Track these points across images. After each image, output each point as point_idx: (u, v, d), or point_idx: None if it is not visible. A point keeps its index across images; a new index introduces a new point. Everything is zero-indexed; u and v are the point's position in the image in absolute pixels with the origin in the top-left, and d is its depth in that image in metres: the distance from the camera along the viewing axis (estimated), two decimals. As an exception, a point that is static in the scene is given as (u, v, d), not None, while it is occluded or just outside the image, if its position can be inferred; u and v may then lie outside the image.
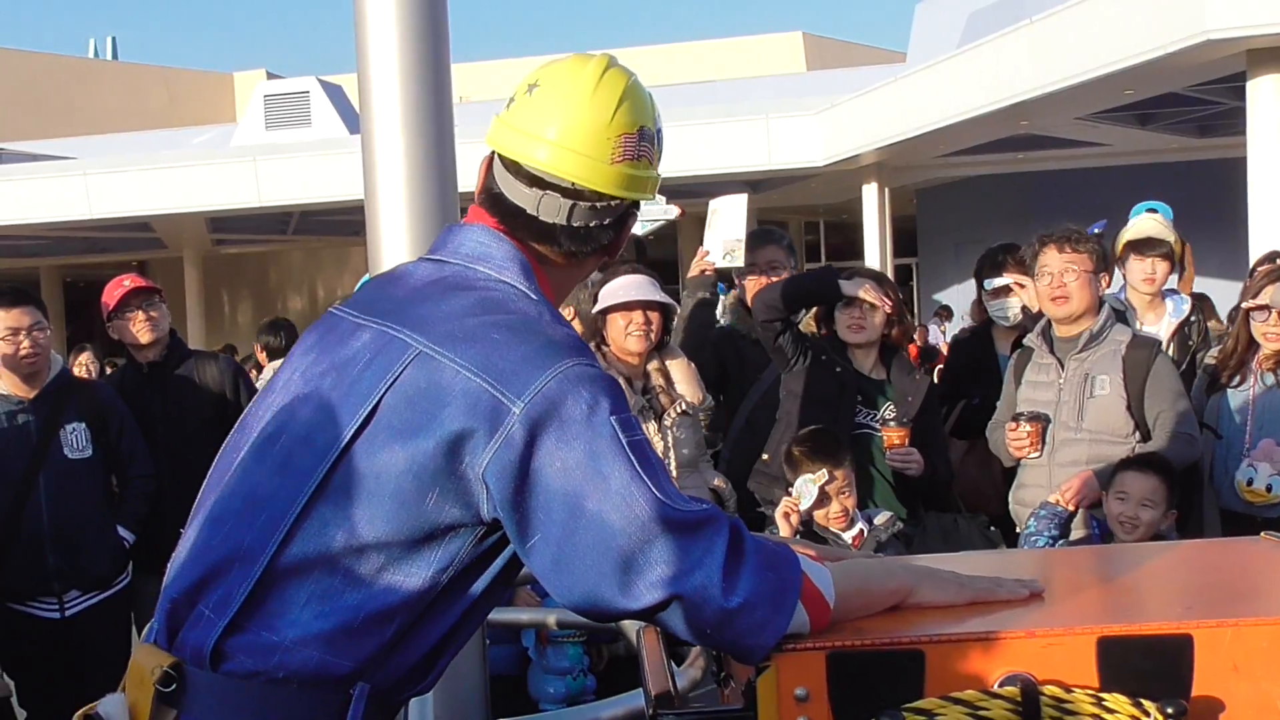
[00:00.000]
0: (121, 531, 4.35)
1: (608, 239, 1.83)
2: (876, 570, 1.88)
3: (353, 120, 20.00)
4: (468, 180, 3.40)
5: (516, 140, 1.79)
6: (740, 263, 4.94)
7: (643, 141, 1.80)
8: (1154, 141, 16.55)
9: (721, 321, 5.19)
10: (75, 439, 4.27)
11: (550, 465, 1.60)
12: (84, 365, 7.79)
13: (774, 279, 4.61)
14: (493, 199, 1.82)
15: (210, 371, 4.78)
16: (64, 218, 20.97)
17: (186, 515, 4.81)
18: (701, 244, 5.13)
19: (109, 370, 7.46)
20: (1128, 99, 13.60)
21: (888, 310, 4.07)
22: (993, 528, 4.01)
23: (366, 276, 4.21)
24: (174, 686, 1.66)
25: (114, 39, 44.86)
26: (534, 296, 1.76)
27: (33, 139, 27.31)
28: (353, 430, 1.65)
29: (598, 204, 1.78)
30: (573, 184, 1.76)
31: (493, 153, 1.84)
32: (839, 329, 4.14)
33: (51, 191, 20.93)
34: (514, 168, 1.79)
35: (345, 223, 21.14)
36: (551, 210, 1.78)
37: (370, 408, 1.65)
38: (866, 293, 4.05)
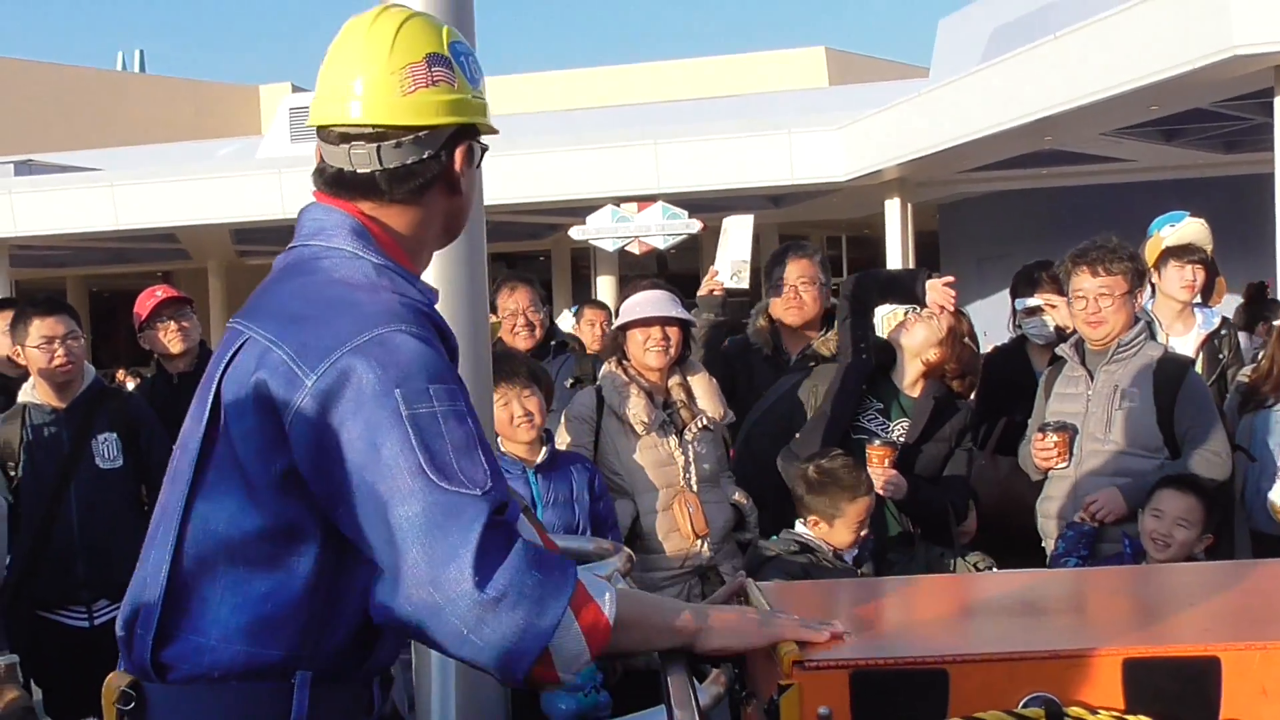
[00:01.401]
0: (150, 541, 4.37)
1: (435, 170, 1.79)
2: (664, 604, 1.79)
3: (377, 133, 20.02)
4: (492, 193, 3.44)
5: (316, 106, 1.83)
6: (745, 284, 4.95)
7: (435, 67, 1.77)
8: (1180, 157, 16.47)
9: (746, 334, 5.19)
10: (106, 449, 4.28)
11: (338, 438, 1.60)
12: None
13: (803, 293, 4.61)
14: (319, 173, 1.85)
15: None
16: (91, 228, 21.13)
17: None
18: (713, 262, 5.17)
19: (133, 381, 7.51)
20: (1153, 114, 13.54)
21: (945, 324, 4.02)
22: (990, 568, 3.98)
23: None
24: (133, 704, 1.70)
25: (142, 52, 45.26)
26: (369, 258, 1.75)
27: (61, 150, 27.50)
28: (204, 423, 1.70)
29: (404, 139, 1.76)
30: (372, 126, 1.76)
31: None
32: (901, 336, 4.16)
33: (79, 202, 21.09)
34: (326, 134, 1.82)
35: (369, 235, 21.22)
36: (363, 160, 1.77)
37: (213, 398, 1.70)
38: (942, 296, 4.03)
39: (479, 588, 1.53)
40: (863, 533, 3.58)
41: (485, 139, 1.91)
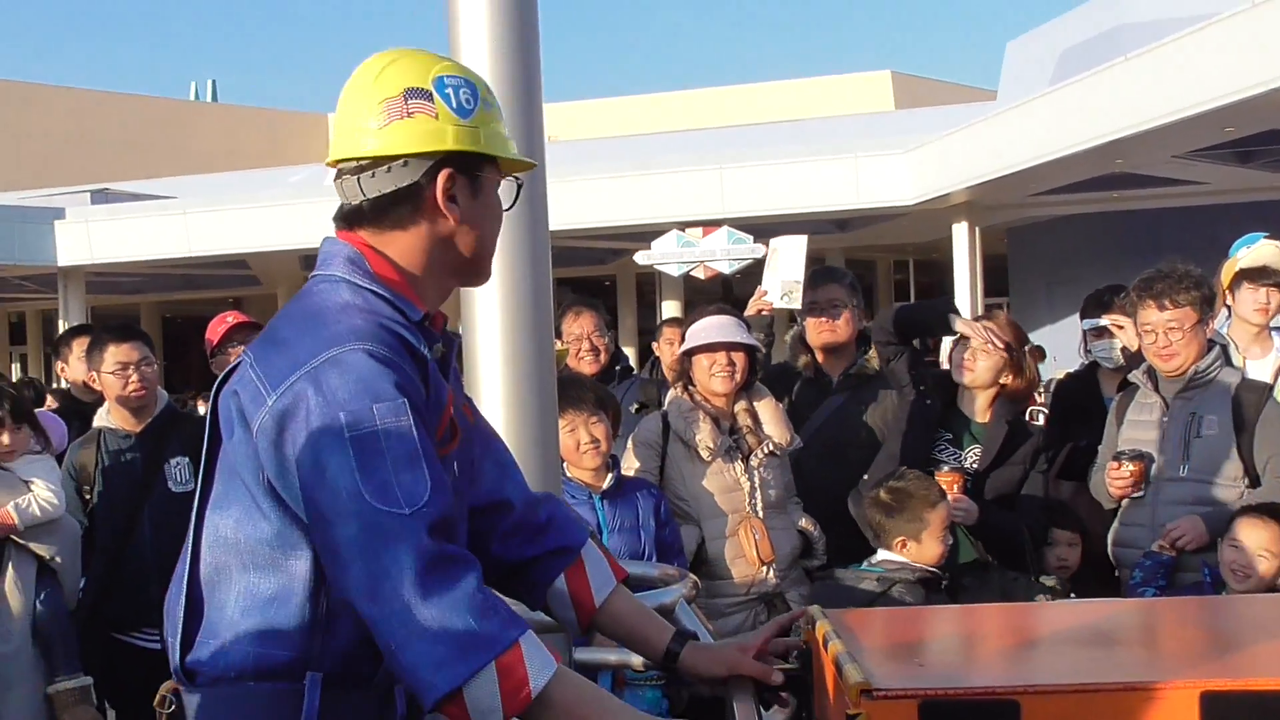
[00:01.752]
0: (221, 565, 4.41)
1: (416, 198, 1.84)
2: (614, 713, 1.73)
3: (444, 160, 20.20)
4: (558, 218, 3.47)
5: (330, 148, 1.92)
6: (798, 304, 4.95)
7: (411, 100, 1.84)
8: (1255, 179, 16.19)
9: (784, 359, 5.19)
10: (179, 472, 4.33)
11: (292, 457, 1.69)
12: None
13: (835, 318, 4.62)
14: (338, 209, 1.94)
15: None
16: (164, 255, 21.52)
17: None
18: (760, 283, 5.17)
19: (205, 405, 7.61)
20: (1228, 136, 13.34)
21: (995, 347, 4.02)
22: (1066, 593, 3.94)
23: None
24: (173, 707, 1.88)
25: (214, 81, 46.10)
26: (353, 280, 1.82)
27: (136, 179, 28.09)
28: (208, 438, 1.84)
29: (379, 170, 1.84)
30: (356, 160, 1.86)
31: None
32: (952, 368, 4.15)
33: (153, 230, 21.49)
34: (336, 172, 1.91)
35: (436, 260, 21.39)
36: (352, 191, 1.87)
37: (212, 415, 1.84)
38: (969, 326, 4.03)
39: (409, 609, 1.61)
40: (949, 541, 3.56)
41: (505, 162, 1.96)
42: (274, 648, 1.76)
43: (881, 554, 3.56)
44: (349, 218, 1.89)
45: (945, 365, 4.35)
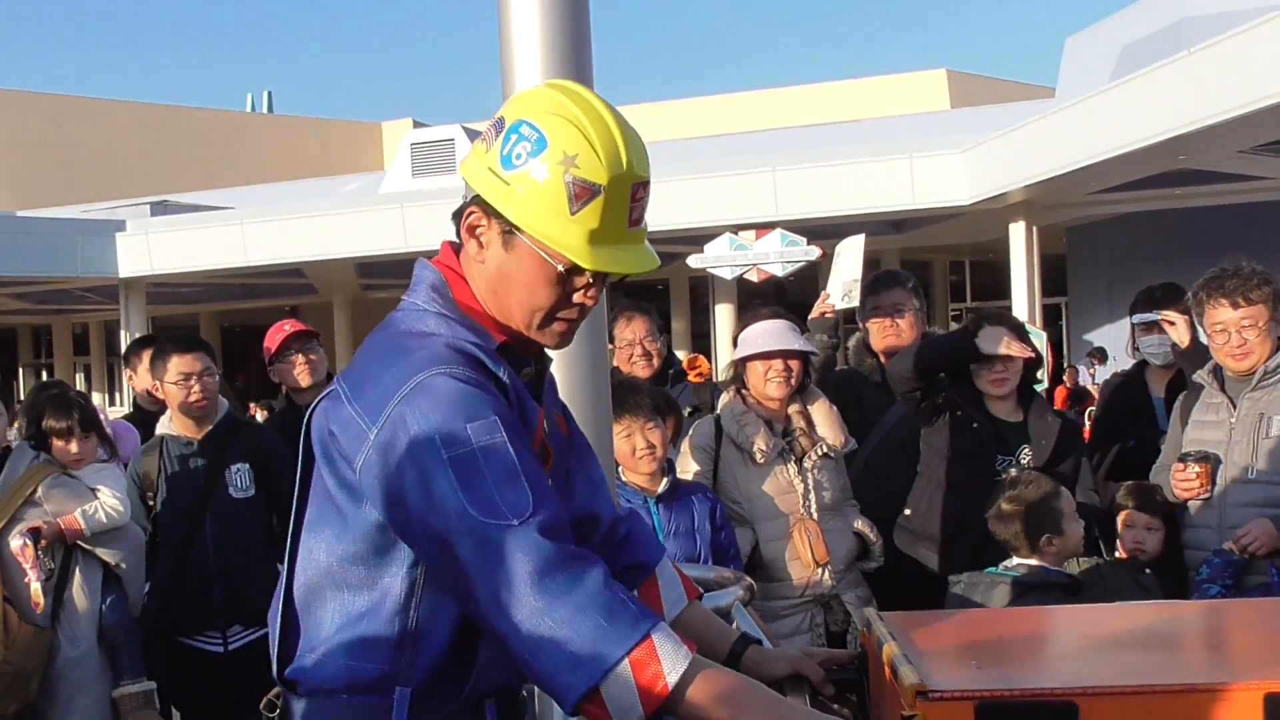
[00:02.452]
0: (282, 568, 4.45)
1: (459, 223, 1.87)
2: (754, 697, 1.68)
3: (497, 166, 20.29)
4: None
5: None
6: (856, 303, 4.94)
7: (492, 127, 1.84)
8: (1319, 177, 15.93)
9: (848, 364, 5.18)
10: (239, 479, 4.39)
11: (399, 486, 1.71)
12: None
13: (898, 320, 4.61)
14: None
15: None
16: (222, 265, 21.80)
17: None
18: (824, 286, 5.16)
19: (263, 413, 7.69)
20: (1292, 131, 13.14)
21: (1029, 357, 4.05)
22: (1148, 571, 3.90)
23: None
24: (277, 711, 1.92)
25: (269, 93, 46.71)
26: (432, 309, 1.85)
27: (194, 191, 28.47)
28: (303, 464, 1.88)
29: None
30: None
31: None
32: (980, 384, 4.11)
33: (211, 240, 21.78)
34: None
35: (490, 267, 21.48)
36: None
37: (305, 442, 1.86)
38: (1009, 347, 4.01)
39: (535, 615, 1.62)
40: (1082, 522, 3.62)
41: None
42: (365, 661, 1.80)
43: (1016, 560, 3.55)
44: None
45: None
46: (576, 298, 1.84)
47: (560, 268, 1.80)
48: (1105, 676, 1.64)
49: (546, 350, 1.95)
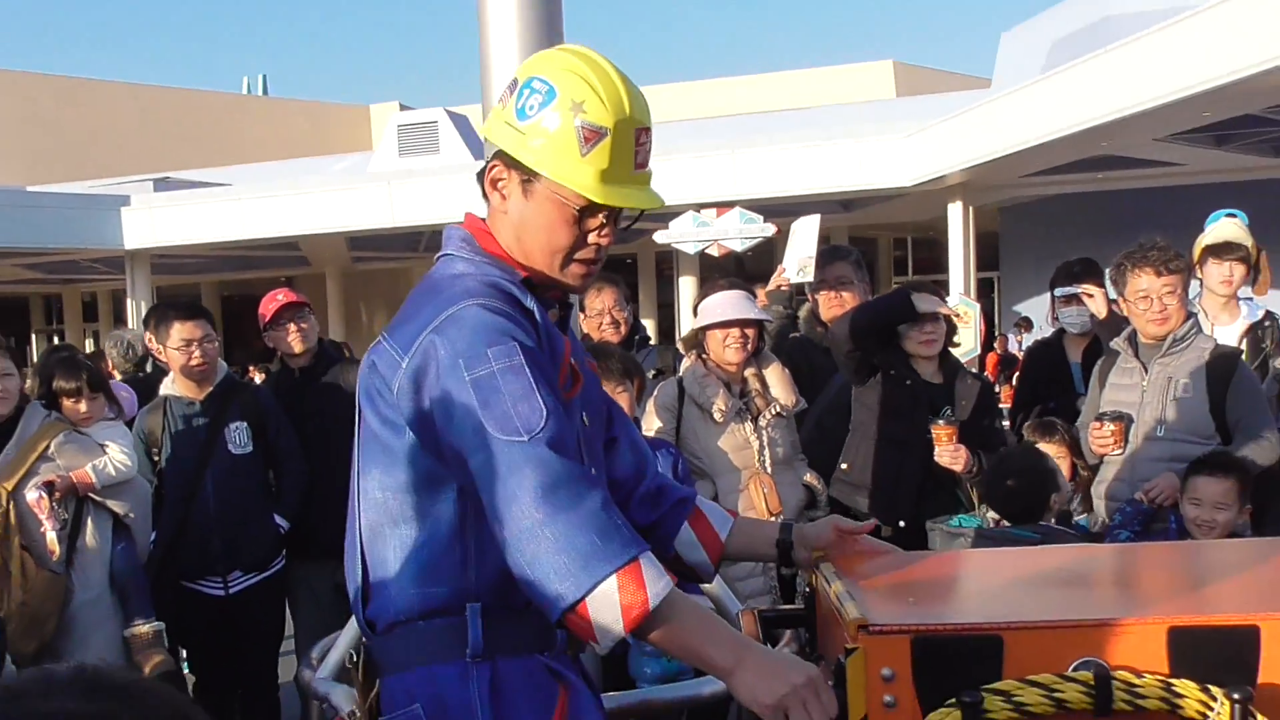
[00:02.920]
0: (278, 519, 4.44)
1: (484, 178, 1.89)
2: (714, 632, 1.69)
3: (477, 147, 20.24)
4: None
5: None
6: (810, 277, 4.98)
7: (508, 89, 1.87)
8: (1230, 161, 16.06)
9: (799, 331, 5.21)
10: (238, 436, 4.38)
11: (428, 407, 1.73)
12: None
13: (843, 292, 4.64)
14: None
15: (352, 377, 4.78)
16: (221, 238, 21.60)
17: (333, 506, 4.89)
18: (780, 261, 5.20)
19: (260, 375, 7.64)
20: (1205, 120, 13.24)
21: (956, 315, 4.14)
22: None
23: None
24: (359, 657, 1.89)
25: (264, 76, 46.01)
26: (463, 255, 1.88)
27: (194, 168, 28.14)
28: (356, 411, 1.86)
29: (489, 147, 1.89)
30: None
31: None
32: (910, 345, 4.15)
33: (210, 215, 21.56)
34: None
35: (470, 241, 21.38)
36: None
37: (356, 390, 1.87)
38: (942, 306, 4.09)
39: (536, 526, 1.62)
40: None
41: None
42: (433, 586, 1.79)
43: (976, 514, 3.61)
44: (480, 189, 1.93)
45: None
46: (592, 238, 1.85)
47: (575, 207, 1.81)
48: (1028, 612, 1.66)
49: (569, 298, 1.98)
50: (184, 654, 4.63)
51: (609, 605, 1.60)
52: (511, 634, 1.79)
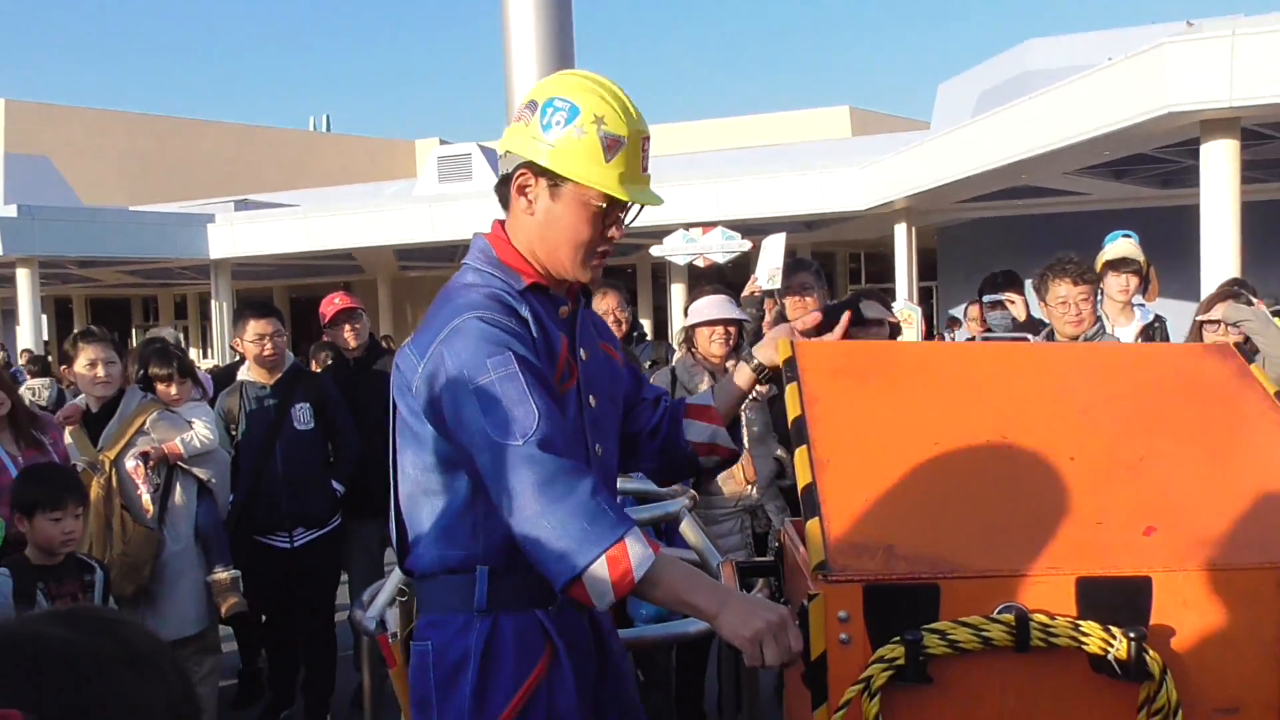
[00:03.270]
0: (335, 485, 4.42)
1: (509, 189, 1.82)
2: (697, 582, 1.66)
3: (504, 177, 20.22)
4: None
5: None
6: (779, 284, 4.97)
7: (525, 109, 1.80)
8: (1126, 192, 16.08)
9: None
10: (302, 415, 4.36)
11: (439, 408, 1.71)
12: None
13: (806, 297, 4.62)
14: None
15: (398, 366, 4.81)
16: (290, 250, 21.58)
17: (383, 474, 4.88)
18: (754, 271, 5.18)
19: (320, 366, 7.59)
20: (1106, 158, 13.26)
21: (894, 322, 4.10)
22: None
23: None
24: (406, 596, 1.96)
25: (328, 116, 45.97)
26: (478, 266, 1.82)
27: (268, 192, 28.11)
28: (391, 401, 1.84)
29: (503, 158, 1.83)
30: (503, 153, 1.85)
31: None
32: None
33: (281, 231, 21.55)
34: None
35: (497, 254, 21.35)
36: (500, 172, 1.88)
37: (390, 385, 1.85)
38: (886, 314, 4.03)
39: (535, 518, 1.60)
40: None
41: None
42: (451, 549, 1.78)
43: None
44: (499, 200, 1.88)
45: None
46: (609, 233, 1.81)
47: (601, 204, 1.77)
48: (959, 566, 1.61)
49: (584, 296, 1.94)
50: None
51: (601, 580, 1.59)
52: (513, 592, 1.77)
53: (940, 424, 1.76)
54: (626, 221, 1.85)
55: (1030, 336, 4.04)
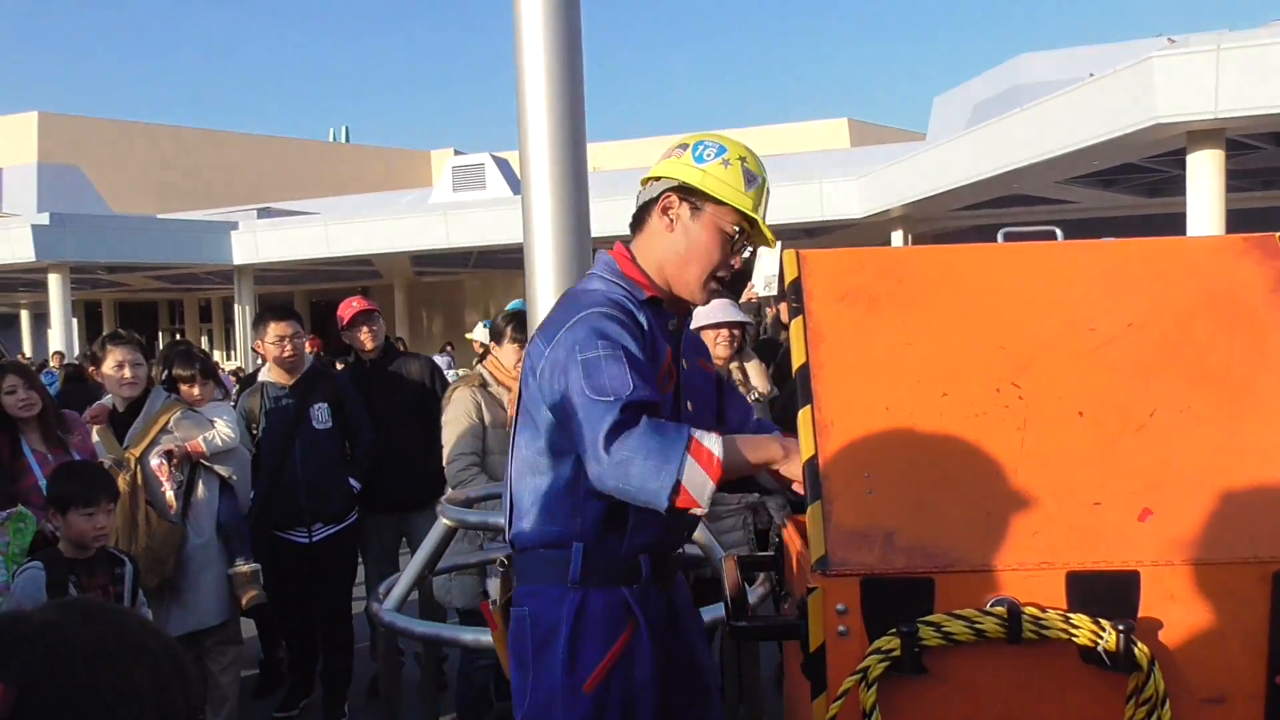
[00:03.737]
0: (352, 481, 4.40)
1: (653, 210, 1.98)
2: (759, 442, 1.86)
3: (515, 184, 20.26)
4: (599, 228, 3.47)
5: None
6: (775, 291, 4.96)
7: (676, 148, 2.00)
8: (1114, 200, 16.03)
9: (766, 334, 5.19)
10: (320, 414, 4.34)
11: (558, 382, 1.84)
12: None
13: None
14: None
15: (413, 368, 4.77)
16: (310, 256, 21.61)
17: (397, 470, 4.86)
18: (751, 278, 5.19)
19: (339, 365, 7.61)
20: (1095, 168, 13.21)
21: None
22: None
23: (518, 301, 4.28)
24: (505, 567, 2.14)
25: (347, 127, 46.07)
26: (604, 276, 1.98)
27: (289, 200, 28.14)
28: (519, 386, 1.98)
29: (647, 185, 2.00)
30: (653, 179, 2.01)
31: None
32: None
33: (302, 238, 21.58)
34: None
35: (510, 260, 21.38)
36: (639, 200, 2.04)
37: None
38: None
39: (608, 455, 1.73)
40: None
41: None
42: (550, 525, 1.92)
43: None
44: (632, 223, 2.03)
45: None
46: (731, 260, 1.98)
47: (733, 231, 1.95)
48: (955, 560, 1.59)
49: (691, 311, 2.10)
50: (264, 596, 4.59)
51: (698, 474, 1.71)
52: (603, 569, 1.90)
53: (950, 370, 1.65)
54: (744, 255, 2.02)
55: None
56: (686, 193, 1.94)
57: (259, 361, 5.49)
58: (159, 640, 0.86)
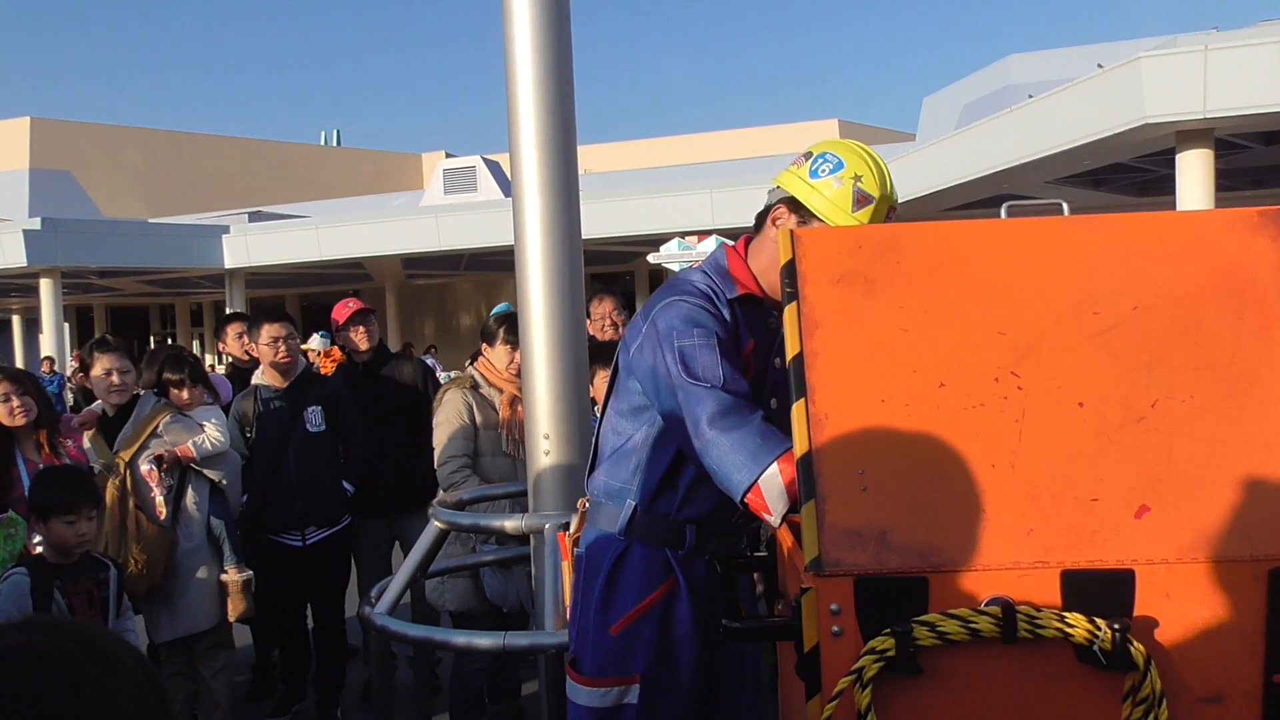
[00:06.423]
0: (345, 485, 4.39)
1: (768, 217, 2.12)
2: None
3: (507, 187, 20.23)
4: (590, 229, 3.46)
5: None
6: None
7: (798, 158, 2.10)
8: (1104, 200, 16.08)
9: None
10: (314, 418, 4.32)
11: (650, 358, 2.00)
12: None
13: None
14: None
15: (405, 370, 4.76)
16: (302, 259, 21.55)
17: (391, 471, 4.83)
18: None
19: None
20: (1084, 167, 13.25)
21: None
22: None
23: (504, 305, 4.26)
24: (582, 509, 2.22)
25: (338, 130, 46.07)
26: (706, 269, 2.12)
27: (281, 204, 28.08)
28: (617, 359, 2.18)
29: (771, 192, 2.13)
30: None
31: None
32: None
33: (293, 241, 21.52)
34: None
35: (500, 262, 21.37)
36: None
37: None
38: None
39: (716, 438, 1.85)
40: None
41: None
42: (614, 480, 2.12)
43: None
44: (755, 222, 2.16)
45: None
46: None
47: None
48: (949, 560, 1.58)
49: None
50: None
51: (775, 484, 1.78)
52: (649, 529, 2.08)
53: (948, 358, 1.58)
54: None
55: None
56: (797, 205, 2.02)
57: (228, 359, 5.47)
58: (128, 651, 0.86)
